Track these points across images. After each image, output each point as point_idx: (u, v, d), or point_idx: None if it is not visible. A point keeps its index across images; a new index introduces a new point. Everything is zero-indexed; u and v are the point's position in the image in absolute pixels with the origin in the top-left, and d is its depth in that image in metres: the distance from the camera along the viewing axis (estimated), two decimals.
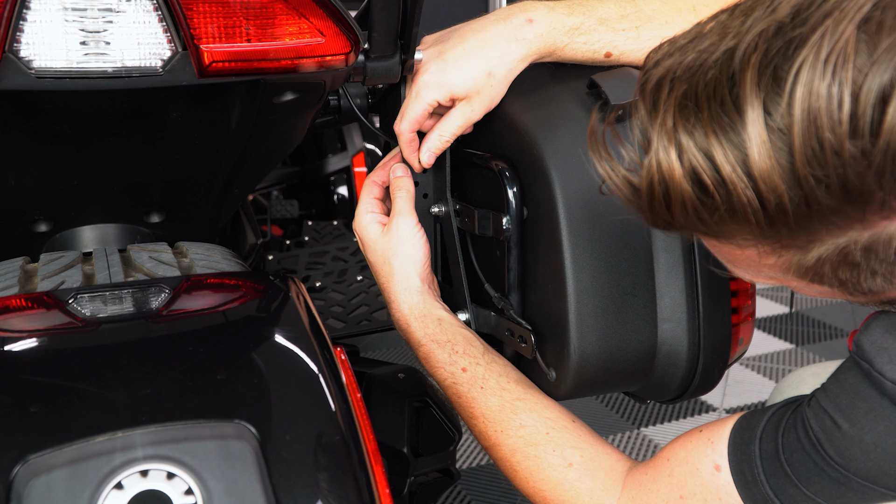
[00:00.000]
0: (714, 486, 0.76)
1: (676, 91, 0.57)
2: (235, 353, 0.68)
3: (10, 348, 0.65)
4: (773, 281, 0.65)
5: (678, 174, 0.56)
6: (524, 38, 0.89)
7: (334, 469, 0.60)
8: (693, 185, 0.56)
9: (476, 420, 0.92)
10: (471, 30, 0.92)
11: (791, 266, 0.60)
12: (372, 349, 2.57)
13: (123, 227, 0.98)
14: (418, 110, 0.92)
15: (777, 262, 0.60)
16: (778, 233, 0.56)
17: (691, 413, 2.27)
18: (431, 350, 0.94)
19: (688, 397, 0.94)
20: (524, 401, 0.90)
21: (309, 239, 2.04)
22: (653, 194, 0.58)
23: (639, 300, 0.87)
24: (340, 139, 2.29)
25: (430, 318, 0.95)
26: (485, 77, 0.89)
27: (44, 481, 0.54)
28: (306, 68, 0.80)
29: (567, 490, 0.85)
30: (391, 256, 0.97)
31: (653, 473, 0.81)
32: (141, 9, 0.74)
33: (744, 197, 0.54)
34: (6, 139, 0.82)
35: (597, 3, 0.92)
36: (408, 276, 0.96)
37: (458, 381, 0.92)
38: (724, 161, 0.54)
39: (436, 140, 0.95)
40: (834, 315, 2.98)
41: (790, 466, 0.71)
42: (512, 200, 0.91)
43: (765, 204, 0.54)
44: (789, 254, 0.58)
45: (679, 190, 0.56)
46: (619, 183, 0.62)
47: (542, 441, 0.87)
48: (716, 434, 0.78)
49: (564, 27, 0.90)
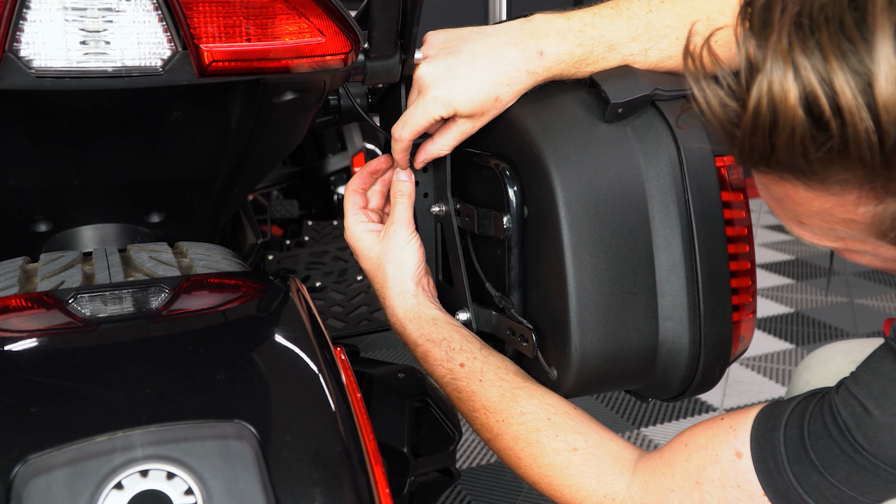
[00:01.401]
0: (734, 472, 0.75)
1: (791, 10, 0.53)
2: (235, 353, 0.68)
3: (10, 348, 0.65)
4: (837, 242, 0.62)
5: (792, 98, 0.52)
6: (533, 70, 0.89)
7: (334, 469, 0.60)
8: (806, 113, 0.52)
9: (477, 413, 0.92)
10: (483, 48, 0.90)
11: (883, 218, 0.56)
12: (372, 349, 2.57)
13: (123, 227, 0.98)
14: (422, 122, 0.92)
15: (869, 212, 0.56)
16: (889, 174, 0.52)
17: (691, 413, 2.27)
18: (428, 349, 0.95)
19: (689, 395, 0.93)
20: (524, 389, 0.90)
21: (309, 239, 2.04)
22: (758, 121, 0.54)
23: (640, 298, 0.87)
24: (340, 139, 2.29)
25: (425, 318, 0.96)
26: (492, 101, 0.89)
27: (44, 481, 0.53)
28: (306, 68, 0.80)
29: (572, 474, 0.84)
30: (385, 262, 0.98)
31: (668, 458, 0.81)
32: (141, 8, 0.74)
33: (861, 129, 0.50)
34: (6, 139, 0.82)
35: (609, 22, 0.90)
36: (402, 281, 0.98)
37: (457, 376, 0.93)
38: (844, 87, 0.50)
39: (434, 152, 0.95)
40: (834, 315, 2.98)
41: (815, 453, 0.70)
42: (512, 199, 0.91)
43: (883, 138, 0.50)
44: (890, 200, 0.55)
45: (791, 116, 0.52)
46: (716, 107, 0.57)
47: (544, 427, 0.87)
48: (738, 422, 0.77)
49: (573, 59, 0.90)
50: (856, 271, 3.42)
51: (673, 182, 0.86)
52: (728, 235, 0.89)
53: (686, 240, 0.87)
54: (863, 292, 3.21)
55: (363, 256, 1.01)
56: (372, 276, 1.01)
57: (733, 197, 0.91)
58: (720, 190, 0.88)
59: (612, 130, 0.88)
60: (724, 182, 0.89)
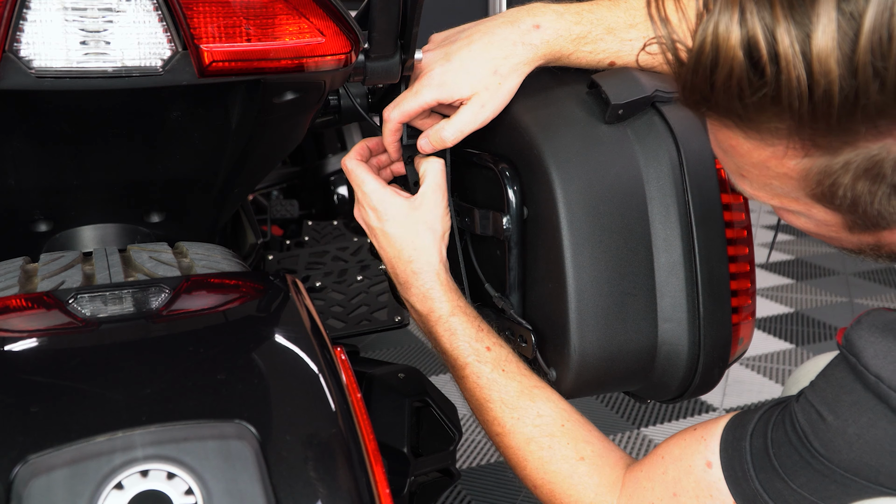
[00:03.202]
0: (706, 482, 0.76)
1: None
2: (235, 353, 0.68)
3: (10, 348, 0.65)
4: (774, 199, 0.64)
5: (734, 39, 0.54)
6: (530, 42, 0.89)
7: (334, 469, 0.60)
8: (745, 56, 0.54)
9: (492, 403, 0.89)
10: (478, 31, 0.92)
11: (810, 174, 0.58)
12: (372, 349, 2.57)
13: (123, 227, 0.98)
14: (413, 105, 0.92)
15: (797, 166, 0.58)
16: (815, 126, 0.54)
17: (691, 413, 2.27)
18: (461, 321, 0.91)
19: (688, 397, 0.94)
20: (541, 389, 0.89)
21: (309, 239, 2.04)
22: (700, 59, 0.56)
23: (639, 300, 0.87)
24: (340, 139, 2.29)
25: (456, 291, 0.94)
26: (490, 75, 0.89)
27: (44, 481, 0.53)
28: (306, 68, 0.80)
29: (575, 484, 0.85)
30: (424, 229, 0.94)
31: (647, 471, 0.82)
32: (141, 8, 0.74)
33: (794, 76, 0.52)
34: (6, 139, 0.82)
35: (606, 10, 0.91)
36: (436, 250, 0.94)
37: (482, 359, 0.90)
38: (784, 35, 0.52)
39: (447, 135, 0.92)
40: (834, 315, 2.98)
41: (778, 460, 0.71)
42: (512, 200, 0.91)
43: (813, 88, 0.52)
44: (817, 155, 0.57)
45: (730, 57, 0.55)
46: (668, 47, 0.60)
47: (558, 432, 0.86)
48: (709, 431, 0.78)
49: (571, 35, 0.90)
50: (856, 271, 3.42)
51: (673, 184, 0.87)
52: (728, 237, 0.89)
53: (686, 241, 0.87)
54: (863, 292, 3.21)
55: (391, 220, 0.95)
56: (401, 242, 0.95)
57: (733, 199, 0.91)
58: (720, 192, 0.88)
59: (612, 132, 0.88)
60: (725, 184, 0.89)
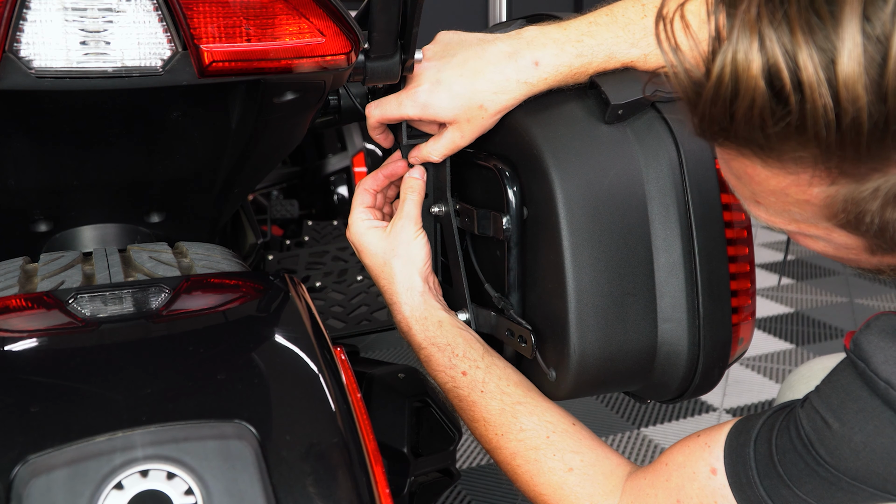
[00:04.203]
0: (710, 489, 0.76)
1: None
2: (235, 353, 0.68)
3: (10, 348, 0.65)
4: (791, 225, 0.62)
5: (755, 69, 0.51)
6: (527, 80, 0.88)
7: (334, 469, 0.60)
8: (767, 85, 0.51)
9: (477, 423, 0.92)
10: (475, 56, 0.89)
11: (835, 201, 0.56)
12: (372, 349, 2.57)
13: (123, 227, 0.98)
14: (395, 114, 0.93)
15: (822, 193, 0.56)
16: (843, 154, 0.52)
17: (691, 413, 2.27)
18: (431, 353, 0.94)
19: (688, 397, 0.94)
20: (524, 404, 0.89)
21: (309, 239, 2.04)
22: (719, 90, 0.53)
23: (639, 300, 0.87)
24: (340, 139, 2.29)
25: (431, 320, 0.95)
26: (475, 109, 0.89)
27: (44, 481, 0.53)
28: (306, 68, 0.80)
29: (567, 495, 0.85)
30: (392, 258, 0.96)
31: (651, 478, 0.81)
32: (141, 9, 0.74)
33: (820, 105, 0.50)
34: (6, 139, 0.82)
35: (605, 28, 0.89)
36: (409, 277, 0.96)
37: (459, 384, 0.92)
38: (807, 62, 0.49)
39: (425, 155, 0.96)
40: (834, 315, 2.98)
41: (783, 467, 0.71)
42: (512, 200, 0.91)
43: (841, 116, 0.50)
44: (843, 182, 0.54)
45: (752, 87, 0.52)
46: (681, 74, 0.56)
47: (542, 445, 0.87)
48: (713, 438, 0.78)
49: (571, 70, 0.89)
50: (856, 272, 3.42)
51: (673, 184, 0.87)
52: (728, 237, 0.89)
53: (686, 241, 0.87)
54: (863, 292, 3.21)
55: (367, 253, 0.99)
56: (377, 274, 0.99)
57: (733, 199, 0.91)
58: (720, 192, 0.88)
59: (612, 132, 0.88)
60: (725, 184, 0.89)
